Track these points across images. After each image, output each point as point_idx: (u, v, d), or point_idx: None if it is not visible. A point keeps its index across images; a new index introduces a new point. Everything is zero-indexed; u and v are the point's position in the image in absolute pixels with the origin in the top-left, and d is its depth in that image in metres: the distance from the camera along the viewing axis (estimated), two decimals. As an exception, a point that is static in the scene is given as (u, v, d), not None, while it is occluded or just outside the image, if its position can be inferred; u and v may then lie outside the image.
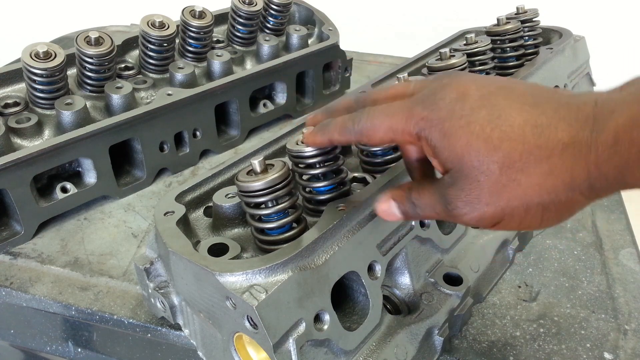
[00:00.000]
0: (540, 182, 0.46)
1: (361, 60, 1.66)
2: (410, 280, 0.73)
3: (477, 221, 0.50)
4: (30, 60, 0.92)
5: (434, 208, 0.53)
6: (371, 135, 0.55)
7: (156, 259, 0.70)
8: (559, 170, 0.45)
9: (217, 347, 0.65)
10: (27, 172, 0.87)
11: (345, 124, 0.58)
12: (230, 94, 1.13)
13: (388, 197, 0.58)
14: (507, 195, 0.47)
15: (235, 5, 1.20)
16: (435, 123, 0.50)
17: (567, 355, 0.72)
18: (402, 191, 0.57)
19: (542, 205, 0.47)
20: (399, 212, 0.57)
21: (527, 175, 0.46)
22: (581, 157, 0.45)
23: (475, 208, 0.49)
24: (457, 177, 0.50)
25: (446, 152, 0.50)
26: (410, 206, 0.56)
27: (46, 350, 0.86)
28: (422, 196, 0.55)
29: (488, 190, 0.48)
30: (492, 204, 0.48)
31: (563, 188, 0.46)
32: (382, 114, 0.54)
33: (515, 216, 0.48)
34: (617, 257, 0.88)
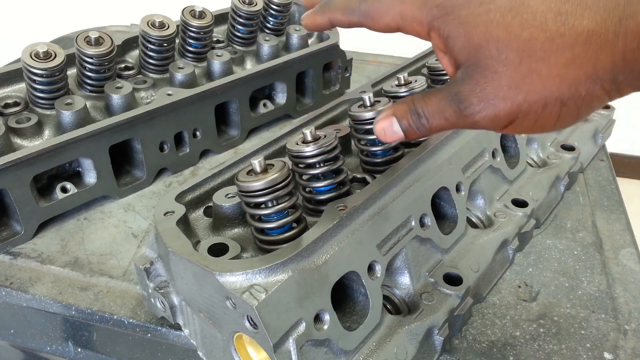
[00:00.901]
0: (562, 73, 0.43)
1: (361, 60, 1.66)
2: (410, 280, 0.73)
3: (491, 120, 0.47)
4: (30, 60, 0.92)
5: (443, 113, 0.49)
6: (377, 18, 0.52)
7: (156, 259, 0.70)
8: (581, 60, 0.43)
9: (217, 347, 0.65)
10: (27, 172, 0.87)
11: (349, 2, 0.54)
12: (230, 94, 1.13)
13: (388, 113, 0.53)
14: (525, 87, 0.44)
15: (235, 5, 1.20)
16: (450, 10, 0.47)
17: (567, 355, 0.72)
18: (405, 104, 0.52)
19: (561, 99, 0.44)
20: (401, 128, 0.52)
21: (548, 65, 0.44)
22: (607, 46, 0.42)
23: (490, 104, 0.46)
24: (472, 69, 0.46)
25: (461, 41, 0.46)
26: (415, 118, 0.51)
27: (46, 350, 0.86)
28: (429, 103, 0.50)
29: (506, 82, 0.45)
30: (509, 98, 0.45)
31: (585, 80, 0.43)
32: None
33: (531, 113, 0.45)
34: (617, 257, 0.88)
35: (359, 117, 0.75)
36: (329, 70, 1.35)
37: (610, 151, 1.19)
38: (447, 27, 0.47)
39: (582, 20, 0.43)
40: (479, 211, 0.88)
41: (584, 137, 1.11)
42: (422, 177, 0.74)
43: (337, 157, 0.70)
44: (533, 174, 0.98)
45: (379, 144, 0.77)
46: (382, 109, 0.74)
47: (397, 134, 0.53)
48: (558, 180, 0.99)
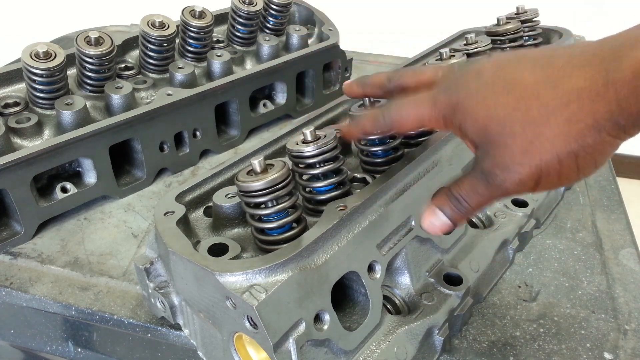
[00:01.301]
0: (565, 131, 0.47)
1: (361, 60, 1.66)
2: (410, 280, 0.73)
3: (518, 185, 0.51)
4: (30, 60, 0.92)
5: (476, 190, 0.54)
6: (401, 125, 0.60)
7: (156, 259, 0.70)
8: (579, 115, 0.47)
9: (217, 347, 0.65)
10: (27, 172, 0.87)
11: (376, 117, 0.62)
12: (230, 94, 1.13)
13: (431, 207, 0.58)
14: (537, 150, 0.49)
15: (235, 5, 1.20)
16: (457, 106, 0.53)
17: (567, 355, 0.72)
18: (442, 193, 0.58)
19: (573, 153, 0.48)
20: (447, 217, 0.57)
21: (550, 127, 0.48)
22: (599, 98, 0.46)
23: (512, 171, 0.50)
24: (487, 147, 0.52)
25: (471, 128, 0.53)
26: (455, 203, 0.56)
27: (46, 350, 0.86)
28: (462, 185, 0.56)
29: (518, 150, 0.49)
30: (526, 162, 0.49)
31: (588, 131, 0.47)
32: (410, 105, 0.59)
33: (551, 171, 0.49)
34: (617, 257, 0.88)
35: None
36: (329, 70, 1.35)
37: (610, 151, 1.18)
38: (457, 119, 0.54)
39: (571, 80, 0.47)
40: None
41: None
42: (422, 177, 0.74)
43: (337, 157, 0.69)
44: (533, 174, 0.97)
45: (379, 144, 0.77)
46: None
47: (445, 223, 0.57)
48: (558, 180, 0.99)
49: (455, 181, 0.57)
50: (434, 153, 0.77)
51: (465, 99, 0.53)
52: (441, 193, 0.58)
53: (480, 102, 0.52)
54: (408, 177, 0.72)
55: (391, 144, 0.77)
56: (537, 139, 0.48)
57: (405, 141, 0.82)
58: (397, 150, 0.78)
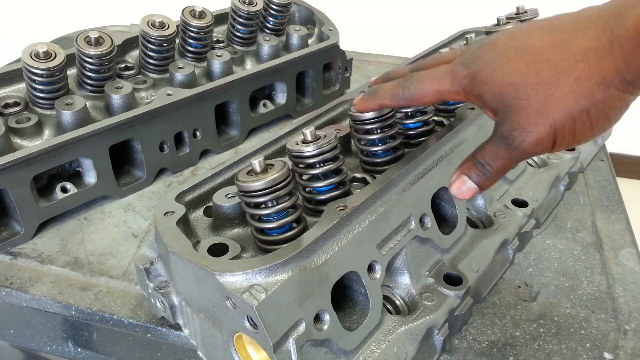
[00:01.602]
0: (575, 89, 0.50)
1: (361, 60, 1.66)
2: (410, 280, 0.73)
3: (536, 144, 0.54)
4: (30, 60, 0.92)
5: (498, 154, 0.57)
6: (421, 99, 0.62)
7: (156, 259, 0.70)
8: (587, 74, 0.50)
9: (217, 347, 0.65)
10: (27, 172, 0.87)
11: (395, 91, 0.64)
12: (230, 94, 1.13)
13: (457, 174, 0.61)
14: (550, 110, 0.52)
15: (235, 5, 1.20)
16: (475, 76, 0.57)
17: (567, 355, 0.72)
18: (467, 160, 0.61)
19: (585, 109, 0.51)
20: (474, 182, 0.60)
21: (560, 87, 0.51)
22: (605, 55, 0.49)
23: (528, 132, 0.53)
24: (504, 112, 0.55)
25: (489, 95, 0.56)
26: (480, 168, 0.59)
27: (46, 350, 0.86)
28: (485, 151, 0.59)
29: (533, 112, 0.52)
30: (540, 123, 0.52)
31: (597, 88, 0.50)
32: (429, 78, 0.61)
33: (566, 128, 0.52)
34: (617, 257, 0.88)
35: (359, 117, 0.75)
36: (329, 70, 1.35)
37: (610, 151, 1.19)
38: (476, 89, 0.57)
39: (578, 42, 0.51)
40: (479, 211, 0.88)
41: (584, 137, 1.11)
42: (422, 177, 0.74)
43: (337, 157, 0.70)
44: (533, 174, 0.98)
45: (379, 144, 0.77)
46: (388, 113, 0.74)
47: (472, 188, 0.61)
48: (558, 180, 0.99)
49: (478, 148, 0.60)
50: (434, 153, 0.77)
51: (481, 69, 0.56)
52: (466, 160, 0.61)
53: (495, 70, 0.55)
54: (408, 177, 0.72)
55: (391, 144, 0.77)
56: (549, 99, 0.51)
57: (405, 141, 0.82)
58: (397, 150, 0.78)
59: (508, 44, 0.55)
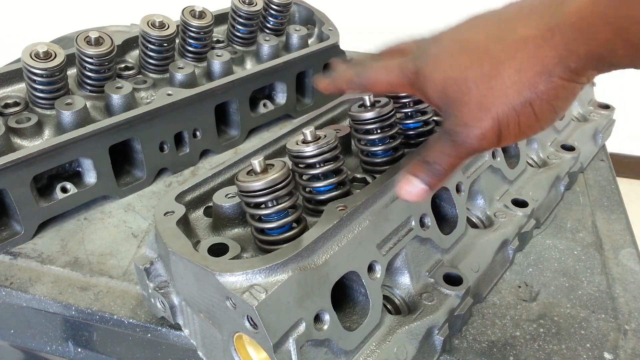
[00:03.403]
0: (516, 80, 0.48)
1: (361, 60, 1.66)
2: (410, 280, 0.73)
3: (481, 139, 0.52)
4: (30, 60, 0.92)
5: (444, 151, 0.55)
6: (372, 88, 0.63)
7: (156, 259, 0.70)
8: (527, 63, 0.48)
9: (217, 347, 0.65)
10: (27, 172, 0.87)
11: (350, 76, 0.65)
12: (230, 94, 1.13)
13: (405, 175, 0.59)
14: (492, 104, 0.50)
15: (235, 5, 1.20)
16: (420, 72, 0.56)
17: (567, 355, 0.72)
18: (413, 160, 0.59)
19: (527, 101, 0.49)
20: (423, 182, 0.57)
21: (501, 79, 0.49)
22: (545, 44, 0.47)
23: (472, 127, 0.52)
24: (447, 108, 0.54)
25: (432, 91, 0.55)
26: (428, 168, 0.57)
27: (46, 350, 0.86)
28: (430, 149, 0.57)
29: (475, 106, 0.51)
30: (484, 117, 0.50)
31: (539, 78, 0.47)
32: (381, 69, 0.62)
33: (510, 121, 0.50)
34: (617, 257, 0.88)
35: (359, 117, 0.75)
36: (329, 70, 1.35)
37: (610, 151, 1.19)
38: (420, 84, 0.56)
39: (517, 31, 0.49)
40: (479, 211, 0.88)
41: (584, 137, 1.11)
42: (422, 177, 0.74)
43: (337, 157, 0.70)
44: (533, 174, 0.98)
45: (379, 144, 0.77)
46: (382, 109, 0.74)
47: (422, 189, 0.58)
48: (558, 180, 0.99)
49: (424, 146, 0.58)
50: (434, 153, 0.77)
51: (425, 65, 0.55)
52: (413, 161, 0.59)
53: (437, 65, 0.54)
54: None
55: (391, 144, 0.77)
56: (490, 92, 0.49)
57: (405, 141, 0.82)
58: (397, 150, 0.78)
59: (452, 37, 0.55)
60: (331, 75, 0.68)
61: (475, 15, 0.55)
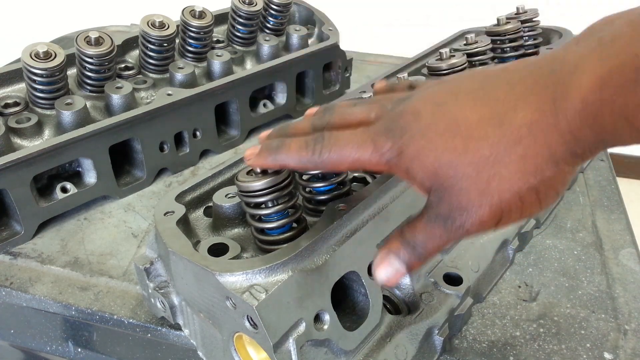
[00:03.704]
0: (521, 168, 0.45)
1: (361, 60, 1.66)
2: (410, 280, 0.73)
3: (479, 225, 0.48)
4: (30, 60, 0.92)
5: (433, 234, 0.50)
6: (336, 167, 0.53)
7: (156, 259, 0.70)
8: (534, 150, 0.44)
9: (217, 347, 0.65)
10: (27, 172, 0.87)
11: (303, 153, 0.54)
12: (230, 94, 1.13)
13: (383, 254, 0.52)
14: (495, 190, 0.46)
15: (235, 5, 1.20)
16: (400, 150, 0.49)
17: (567, 355, 0.72)
18: (393, 240, 0.53)
19: (533, 188, 0.45)
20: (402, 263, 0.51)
21: (505, 165, 0.45)
22: (552, 129, 0.43)
23: (471, 213, 0.47)
24: (440, 192, 0.48)
25: (420, 173, 0.48)
26: (410, 250, 0.51)
27: (46, 350, 0.86)
28: (417, 230, 0.51)
29: (475, 192, 0.46)
30: (485, 203, 0.46)
31: (546, 165, 0.44)
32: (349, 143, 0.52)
33: (512, 208, 0.47)
34: (617, 257, 0.88)
35: None
36: (329, 70, 1.35)
37: (610, 151, 1.19)
38: (403, 164, 0.49)
39: (518, 114, 0.44)
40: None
41: (584, 137, 1.11)
42: (422, 177, 0.74)
43: (337, 157, 0.69)
44: (533, 174, 0.97)
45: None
46: None
47: (399, 271, 0.52)
48: (558, 180, 0.99)
49: (407, 225, 0.52)
50: (434, 153, 0.77)
51: (409, 143, 0.48)
52: (393, 240, 0.52)
53: (425, 146, 0.47)
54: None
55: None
56: (493, 179, 0.45)
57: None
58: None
59: (435, 114, 0.48)
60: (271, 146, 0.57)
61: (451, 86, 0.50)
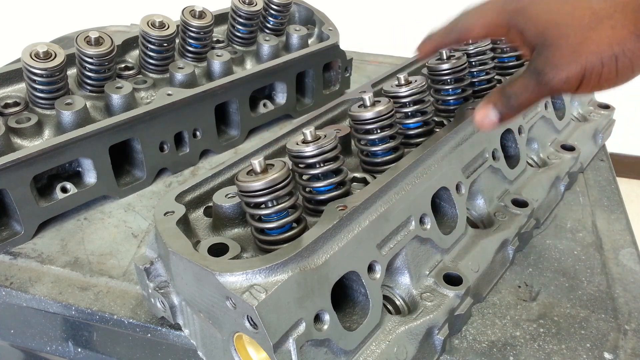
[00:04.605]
0: (609, 35, 0.55)
1: (361, 60, 1.66)
2: (410, 280, 0.73)
3: (565, 82, 0.58)
4: (30, 60, 0.92)
5: (526, 88, 0.61)
6: (470, 32, 0.67)
7: (156, 259, 0.70)
8: (622, 23, 0.55)
9: (217, 347, 0.65)
10: (27, 172, 0.87)
11: (447, 27, 0.70)
12: (230, 94, 1.13)
13: (485, 103, 0.65)
14: (584, 52, 0.56)
15: (235, 5, 1.20)
16: (521, 12, 0.62)
17: (567, 355, 0.72)
18: (495, 91, 0.65)
19: (614, 55, 0.55)
20: (497, 113, 0.64)
21: (597, 31, 0.56)
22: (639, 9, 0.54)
23: (560, 69, 0.58)
24: (542, 48, 0.60)
25: (532, 30, 0.61)
26: (506, 100, 0.63)
27: (46, 350, 0.86)
28: (515, 83, 0.63)
29: (568, 51, 0.57)
30: (573, 61, 0.57)
31: (629, 37, 0.55)
32: (477, 11, 0.67)
33: (594, 71, 0.56)
34: (617, 257, 0.88)
35: (359, 117, 0.75)
36: (329, 70, 1.35)
37: (610, 151, 1.19)
38: (520, 24, 0.62)
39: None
40: (479, 211, 0.88)
41: (584, 137, 1.11)
42: (422, 177, 0.74)
43: (337, 157, 0.70)
44: (533, 174, 0.98)
45: (379, 144, 0.77)
46: (382, 108, 0.74)
47: (493, 119, 0.65)
48: (558, 180, 0.99)
49: (508, 81, 0.64)
50: (433, 153, 0.77)
51: (529, 6, 0.61)
52: (494, 92, 0.65)
53: (542, 8, 0.60)
54: (408, 177, 0.72)
55: (391, 144, 0.77)
56: (585, 42, 0.56)
57: (405, 141, 0.82)
58: (397, 150, 0.78)
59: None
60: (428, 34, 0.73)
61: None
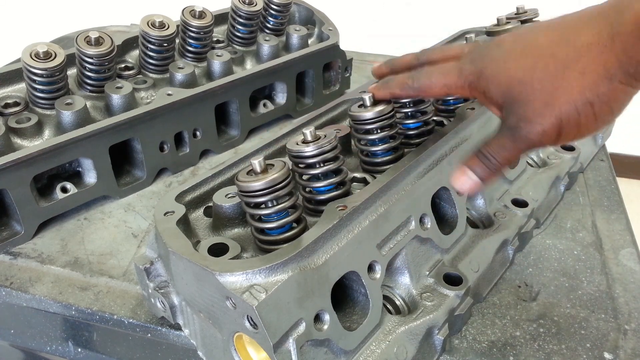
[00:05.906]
0: (580, 82, 0.53)
1: (361, 60, 1.66)
2: (410, 280, 0.73)
3: (542, 135, 0.56)
4: (30, 60, 0.92)
5: (503, 145, 0.60)
6: (428, 92, 0.67)
7: (156, 259, 0.70)
8: (591, 67, 0.52)
9: (217, 347, 0.65)
10: (27, 172, 0.87)
11: (405, 82, 0.69)
12: (230, 94, 1.13)
13: (461, 167, 0.63)
14: (556, 102, 0.54)
15: (235, 5, 1.20)
16: (480, 73, 0.60)
17: (567, 355, 0.72)
18: (471, 155, 0.64)
19: (589, 102, 0.53)
20: (477, 175, 0.62)
21: (566, 80, 0.54)
22: (607, 50, 0.51)
23: (535, 122, 0.56)
24: (510, 106, 0.58)
25: (495, 90, 0.59)
26: (484, 161, 0.62)
27: (46, 350, 0.86)
28: (490, 144, 0.61)
29: (540, 103, 0.55)
30: (547, 114, 0.55)
31: (601, 81, 0.52)
32: (438, 73, 0.66)
33: (571, 120, 0.54)
34: (617, 257, 0.88)
35: (359, 117, 0.75)
36: (329, 70, 1.35)
37: (610, 151, 1.19)
38: (482, 85, 0.61)
39: (580, 37, 0.53)
40: (479, 211, 0.88)
41: (584, 137, 1.11)
42: (422, 177, 0.74)
43: (337, 157, 0.70)
44: (533, 174, 0.98)
45: (379, 144, 0.77)
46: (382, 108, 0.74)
47: (474, 182, 0.63)
48: (558, 180, 0.99)
49: (483, 143, 0.63)
50: (434, 153, 0.77)
51: (487, 66, 0.60)
52: (470, 155, 0.64)
53: (501, 67, 0.59)
54: (408, 177, 0.72)
55: (391, 144, 0.77)
56: (556, 92, 0.54)
57: (405, 141, 0.82)
58: (397, 150, 0.78)
59: (514, 42, 0.59)
60: (386, 80, 0.72)
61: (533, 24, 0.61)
